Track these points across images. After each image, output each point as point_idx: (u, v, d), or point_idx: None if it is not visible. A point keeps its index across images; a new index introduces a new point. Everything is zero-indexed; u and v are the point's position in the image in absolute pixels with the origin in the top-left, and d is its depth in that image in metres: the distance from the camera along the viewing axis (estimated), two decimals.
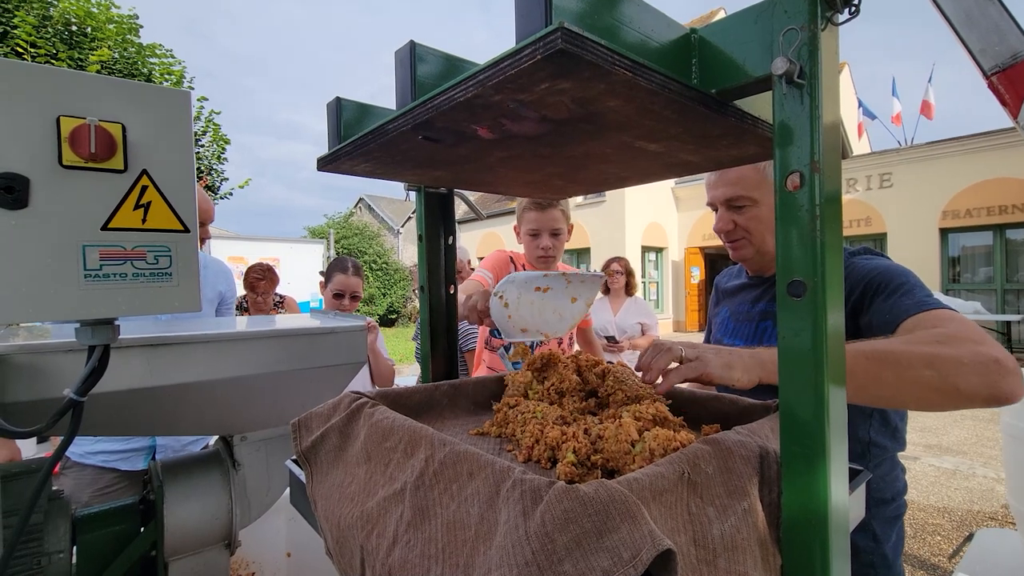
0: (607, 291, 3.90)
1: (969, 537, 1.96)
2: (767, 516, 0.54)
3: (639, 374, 0.83)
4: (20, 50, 5.75)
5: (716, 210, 1.19)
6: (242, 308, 3.25)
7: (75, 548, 0.95)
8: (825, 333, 0.48)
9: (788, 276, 0.50)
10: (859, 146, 16.51)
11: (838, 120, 0.52)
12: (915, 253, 10.98)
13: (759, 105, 0.65)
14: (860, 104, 15.73)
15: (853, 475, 0.70)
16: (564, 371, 0.92)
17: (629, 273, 3.86)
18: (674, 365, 0.75)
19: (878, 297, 0.94)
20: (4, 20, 5.86)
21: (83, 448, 1.76)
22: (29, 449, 2.44)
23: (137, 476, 1.81)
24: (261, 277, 3.11)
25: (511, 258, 2.05)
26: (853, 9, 0.50)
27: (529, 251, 2.02)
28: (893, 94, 14.81)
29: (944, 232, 11.06)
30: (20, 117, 0.62)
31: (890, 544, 1.07)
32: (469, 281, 1.80)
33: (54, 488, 0.97)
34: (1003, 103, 1.60)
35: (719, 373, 0.71)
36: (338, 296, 2.44)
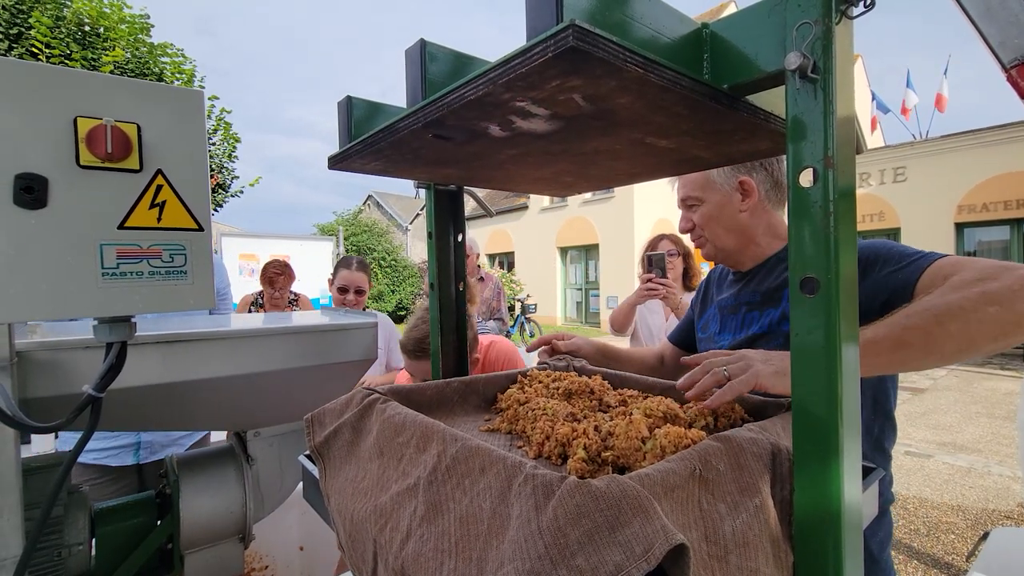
0: None
1: (984, 536, 1.93)
2: (779, 513, 0.54)
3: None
4: (35, 50, 5.82)
5: None
6: (257, 304, 3.28)
7: (94, 540, 0.97)
8: (839, 330, 0.48)
9: (801, 273, 0.50)
10: (873, 140, 16.29)
11: (852, 115, 0.51)
12: (930, 248, 10.66)
13: (772, 100, 0.65)
14: (874, 97, 15.51)
15: (867, 473, 0.70)
16: (572, 376, 0.94)
17: (686, 256, 2.68)
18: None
19: (875, 267, 0.95)
20: (19, 21, 5.94)
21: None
22: (47, 445, 2.49)
23: (125, 471, 1.82)
24: (280, 272, 3.14)
25: None
26: (868, 2, 0.49)
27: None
28: (908, 86, 14.59)
29: (960, 227, 10.88)
30: (39, 118, 0.63)
31: (876, 540, 1.05)
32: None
33: (72, 482, 0.99)
34: (1022, 96, 1.57)
35: (771, 383, 0.68)
36: (342, 291, 2.60)
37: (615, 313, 2.71)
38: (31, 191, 0.62)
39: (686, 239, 1.54)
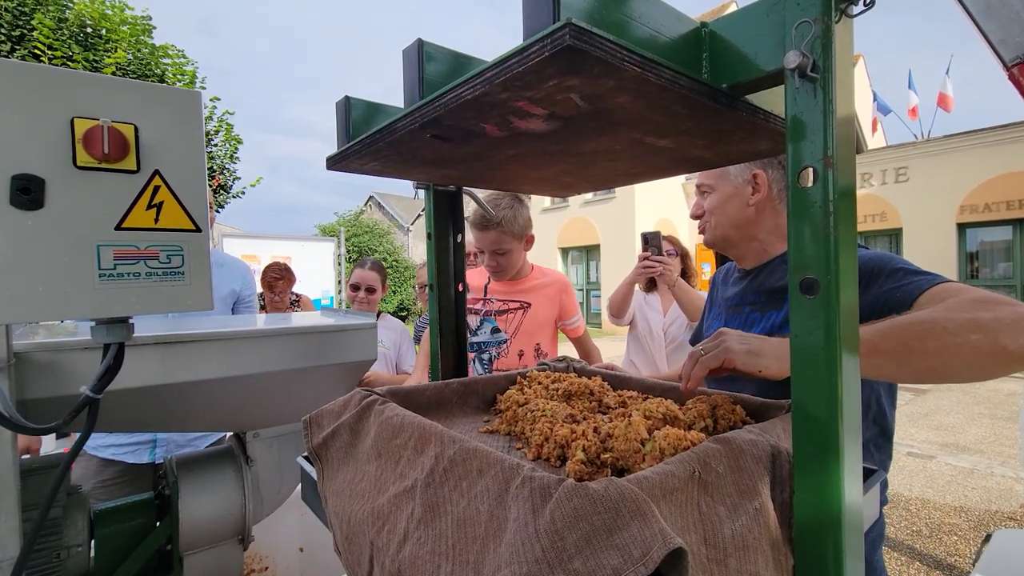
0: (652, 285, 2.77)
1: (987, 538, 1.92)
2: (779, 516, 0.53)
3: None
4: (38, 52, 5.84)
5: None
6: (259, 306, 3.31)
7: (93, 542, 0.97)
8: (839, 331, 0.48)
9: (800, 273, 0.50)
10: (874, 140, 16.26)
11: (852, 114, 0.51)
12: (932, 248, 10.78)
13: (771, 99, 0.64)
14: (875, 97, 15.48)
15: (868, 475, 0.70)
16: (572, 377, 0.93)
17: (683, 256, 2.75)
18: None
19: (876, 281, 0.94)
20: (21, 23, 5.95)
21: (96, 441, 1.81)
22: (48, 444, 2.49)
23: (142, 469, 1.84)
24: (279, 276, 3.19)
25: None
26: (868, 0, 0.49)
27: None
28: (909, 87, 14.56)
29: (962, 227, 10.85)
30: (35, 119, 0.63)
31: (868, 540, 1.02)
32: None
33: (71, 483, 0.98)
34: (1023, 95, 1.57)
35: (742, 360, 0.69)
36: (354, 288, 2.66)
37: (613, 295, 2.72)
38: (28, 192, 0.62)
39: (684, 239, 1.55)
